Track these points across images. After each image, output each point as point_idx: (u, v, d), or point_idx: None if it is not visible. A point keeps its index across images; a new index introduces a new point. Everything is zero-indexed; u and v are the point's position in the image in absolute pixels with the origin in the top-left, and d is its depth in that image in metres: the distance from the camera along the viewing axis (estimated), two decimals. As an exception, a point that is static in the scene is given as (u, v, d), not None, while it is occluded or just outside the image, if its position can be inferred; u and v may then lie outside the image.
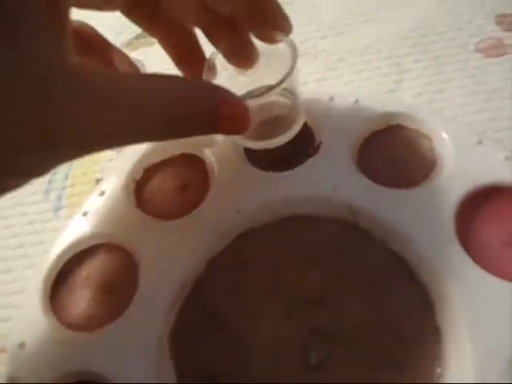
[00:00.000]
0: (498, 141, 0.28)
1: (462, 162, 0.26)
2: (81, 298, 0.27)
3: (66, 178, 0.34)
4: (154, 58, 0.40)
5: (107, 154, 0.34)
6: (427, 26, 0.37)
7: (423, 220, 0.25)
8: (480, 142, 0.27)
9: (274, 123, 0.28)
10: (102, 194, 0.30)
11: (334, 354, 0.23)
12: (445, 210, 0.25)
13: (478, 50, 0.34)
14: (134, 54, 0.40)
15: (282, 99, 0.28)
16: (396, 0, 0.39)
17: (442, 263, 0.23)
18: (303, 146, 0.30)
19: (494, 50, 0.34)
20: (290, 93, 0.28)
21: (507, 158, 0.26)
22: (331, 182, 0.27)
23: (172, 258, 0.26)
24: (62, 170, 0.34)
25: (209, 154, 0.30)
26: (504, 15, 0.36)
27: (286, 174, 0.28)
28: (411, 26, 0.37)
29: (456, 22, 0.36)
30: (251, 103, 0.23)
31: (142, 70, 0.39)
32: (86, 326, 0.25)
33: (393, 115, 0.29)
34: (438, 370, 0.21)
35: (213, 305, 0.25)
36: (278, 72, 0.24)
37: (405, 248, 0.25)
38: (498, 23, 0.36)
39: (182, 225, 0.27)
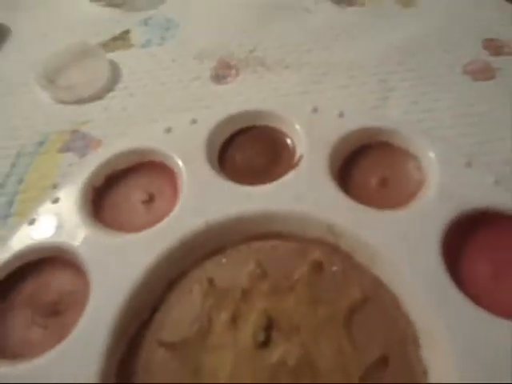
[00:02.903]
0: (486, 165, 0.27)
1: (451, 184, 0.25)
2: (21, 320, 0.23)
3: (21, 182, 0.31)
4: (129, 62, 0.38)
5: (68, 158, 0.31)
6: (415, 45, 0.36)
7: (409, 244, 0.23)
8: (469, 165, 0.25)
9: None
10: (56, 201, 0.26)
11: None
12: (432, 234, 0.23)
13: (466, 73, 0.34)
14: (110, 56, 0.38)
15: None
16: (385, 18, 0.38)
17: (428, 294, 0.21)
18: (283, 159, 0.28)
19: (482, 73, 0.33)
20: None
21: (497, 183, 0.24)
22: (311, 199, 0.25)
23: (129, 277, 0.23)
24: (17, 172, 0.31)
25: (179, 164, 0.27)
26: (491, 40, 0.35)
27: (262, 187, 0.26)
28: (398, 44, 0.36)
29: (444, 44, 0.36)
30: None
31: (116, 73, 0.37)
32: (23, 352, 0.22)
33: (380, 131, 0.28)
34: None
35: (171, 333, 0.22)
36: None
37: (389, 275, 0.23)
38: (486, 47, 0.35)
39: (143, 239, 0.24)
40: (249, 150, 0.29)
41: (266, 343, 0.21)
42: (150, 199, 0.27)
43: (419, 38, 0.36)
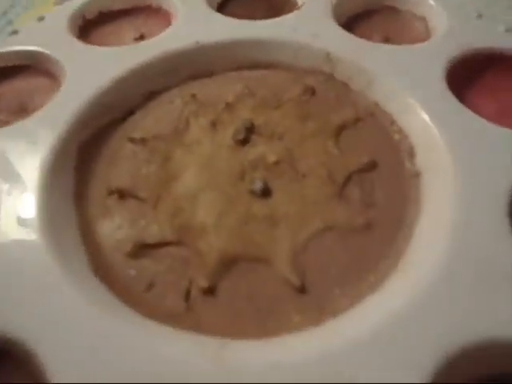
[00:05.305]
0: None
1: (459, 28, 0.23)
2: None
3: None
4: None
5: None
6: None
7: (410, 72, 0.21)
8: (480, 17, 0.24)
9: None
10: (41, 19, 0.25)
11: (279, 184, 0.18)
12: (435, 66, 0.21)
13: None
14: None
15: None
16: None
17: (430, 109, 0.19)
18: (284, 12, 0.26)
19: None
20: None
21: (508, 30, 0.23)
22: (310, 31, 0.23)
23: (102, 77, 0.21)
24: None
25: (176, 3, 0.26)
26: None
27: (259, 21, 0.24)
28: None
29: None
30: None
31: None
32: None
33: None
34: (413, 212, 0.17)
35: (143, 132, 0.20)
36: None
37: (386, 97, 0.21)
38: None
39: (123, 51, 0.23)
40: (250, 6, 0.28)
41: (244, 142, 0.19)
42: (141, 37, 0.26)
43: None
